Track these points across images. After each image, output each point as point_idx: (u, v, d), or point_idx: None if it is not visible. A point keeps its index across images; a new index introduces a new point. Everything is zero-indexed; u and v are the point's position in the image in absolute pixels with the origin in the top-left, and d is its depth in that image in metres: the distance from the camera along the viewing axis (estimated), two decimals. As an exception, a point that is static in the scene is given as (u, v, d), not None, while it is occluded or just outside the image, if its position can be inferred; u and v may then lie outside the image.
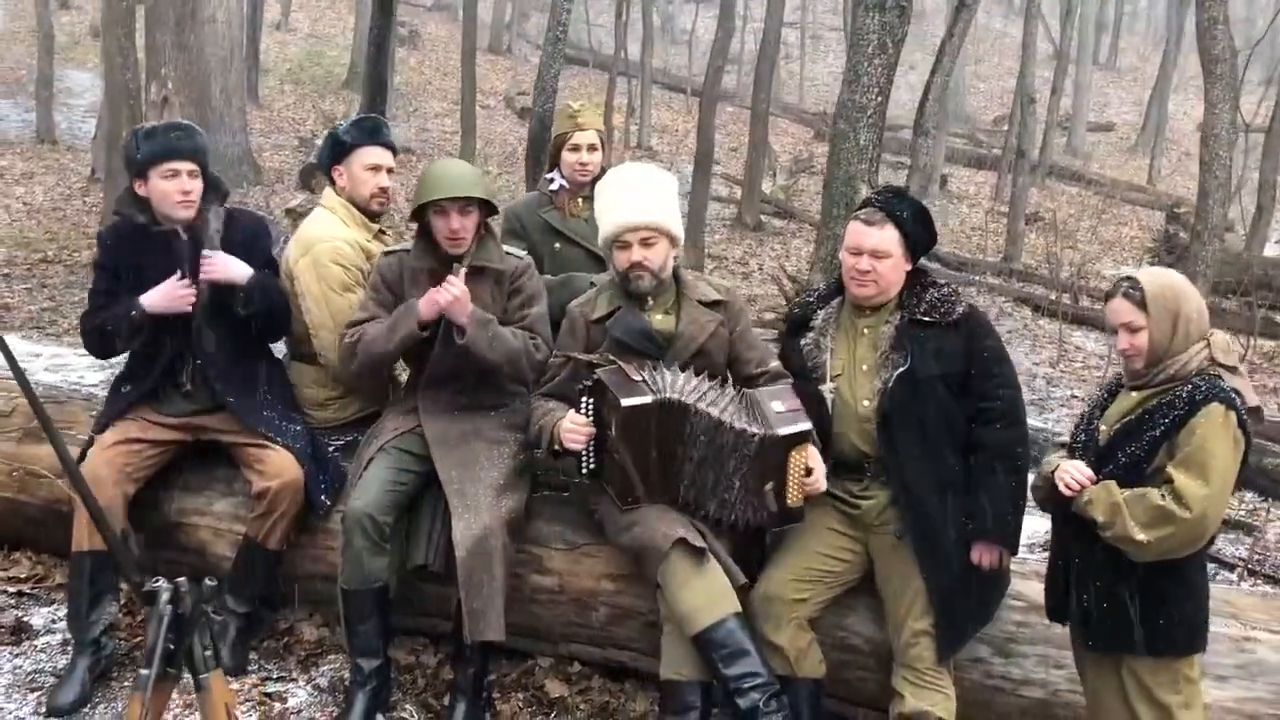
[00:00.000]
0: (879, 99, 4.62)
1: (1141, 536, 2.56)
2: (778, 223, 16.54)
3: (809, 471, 3.09)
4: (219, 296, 3.42)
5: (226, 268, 3.38)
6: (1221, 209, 6.88)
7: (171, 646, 1.65)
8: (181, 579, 1.72)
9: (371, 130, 3.76)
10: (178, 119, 4.40)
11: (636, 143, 20.69)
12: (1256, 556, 5.10)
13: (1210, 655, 3.27)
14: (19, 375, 1.86)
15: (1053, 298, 12.15)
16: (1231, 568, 5.05)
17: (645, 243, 3.25)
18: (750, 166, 16.48)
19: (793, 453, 3.06)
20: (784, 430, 3.03)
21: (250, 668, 3.47)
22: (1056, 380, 9.30)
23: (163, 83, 8.45)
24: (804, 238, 15.25)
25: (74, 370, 6.69)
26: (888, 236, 3.11)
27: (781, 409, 3.10)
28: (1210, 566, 5.17)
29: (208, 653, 1.68)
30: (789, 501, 3.11)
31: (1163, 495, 2.57)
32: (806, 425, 3.07)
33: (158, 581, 1.69)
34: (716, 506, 3.15)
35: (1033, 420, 5.21)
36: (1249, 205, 15.03)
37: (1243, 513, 6.60)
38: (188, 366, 3.50)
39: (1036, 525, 4.04)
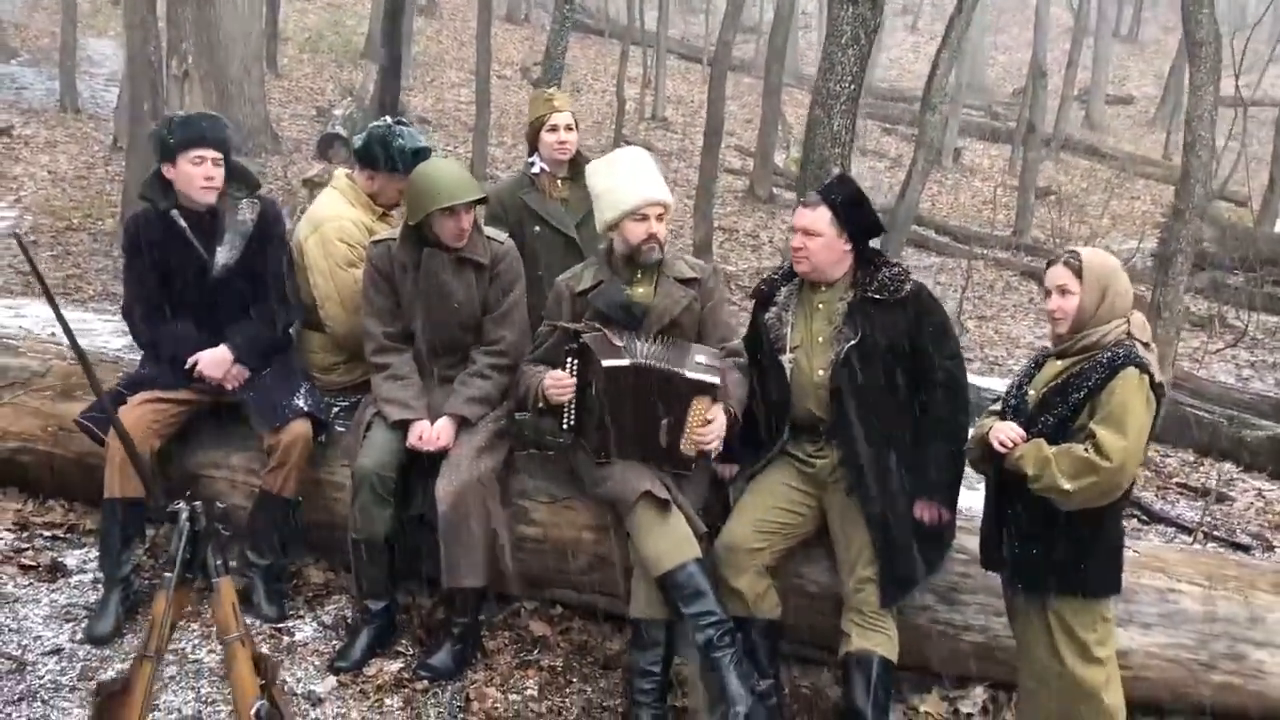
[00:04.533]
0: (852, 87, 4.88)
1: (1067, 486, 2.86)
2: (790, 195, 16.66)
3: (707, 425, 3.40)
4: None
5: (214, 369, 3.75)
6: (1204, 189, 7.07)
7: (189, 556, 2.02)
8: (198, 502, 2.07)
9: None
10: (202, 108, 4.70)
11: (651, 114, 20.84)
12: (1212, 520, 5.37)
13: (1136, 605, 3.59)
14: (71, 339, 2.17)
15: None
16: (1189, 531, 5.33)
17: (659, 217, 3.55)
18: (763, 138, 16.66)
19: (695, 400, 3.37)
20: (690, 374, 3.36)
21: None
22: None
23: (183, 57, 8.74)
24: (814, 210, 15.40)
25: (98, 335, 7.07)
26: (819, 217, 3.40)
27: (703, 360, 3.41)
28: (1169, 530, 5.47)
29: (218, 562, 2.04)
30: (681, 446, 3.43)
31: (1086, 449, 2.86)
32: (714, 379, 3.37)
33: (179, 504, 2.05)
34: (629, 440, 3.46)
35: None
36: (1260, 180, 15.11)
37: (1217, 482, 6.88)
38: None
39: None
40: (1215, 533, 5.36)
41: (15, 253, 9.78)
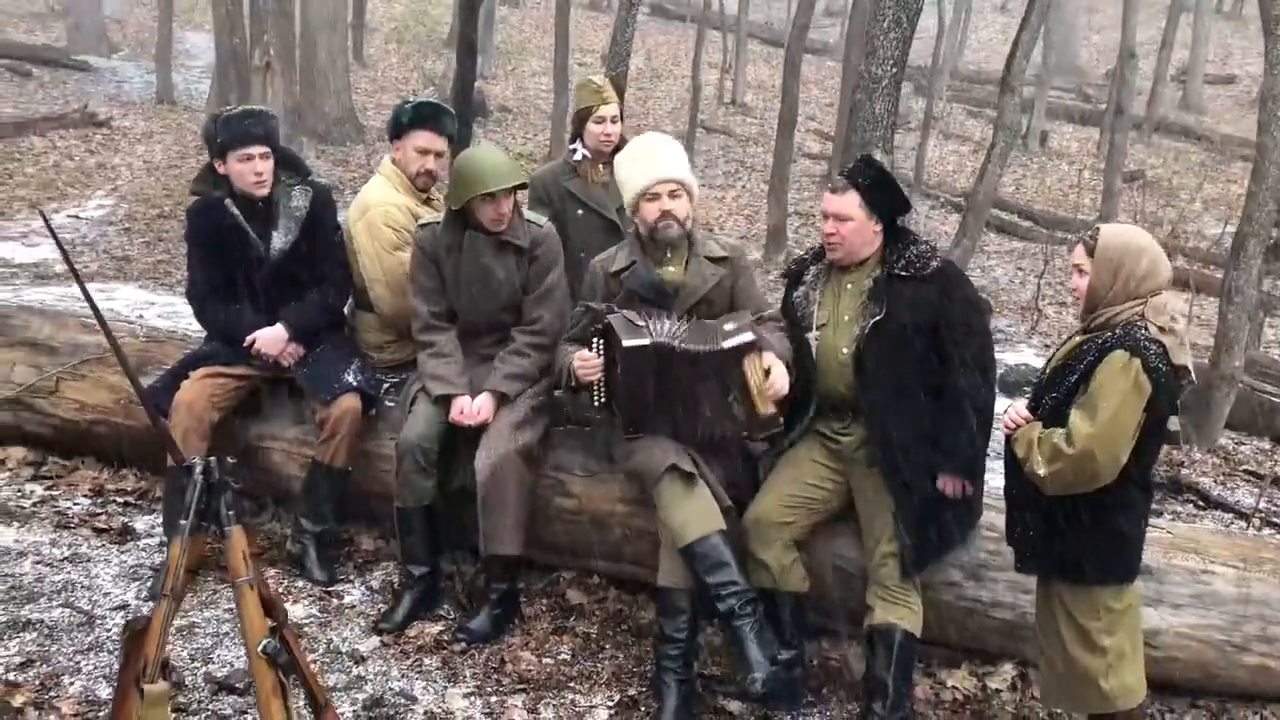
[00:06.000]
0: (894, 70, 4.90)
1: (1041, 471, 2.86)
2: (867, 180, 16.48)
3: (767, 374, 3.43)
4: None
5: (271, 347, 3.99)
6: (1278, 169, 6.88)
7: (203, 506, 2.22)
8: (211, 456, 2.27)
9: (429, 116, 4.13)
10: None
11: (730, 99, 20.82)
12: (1273, 507, 5.27)
13: (1168, 585, 3.58)
14: (99, 318, 2.35)
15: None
16: (1246, 517, 5.24)
17: (672, 195, 3.64)
18: (841, 123, 16.54)
19: (745, 361, 3.41)
20: (727, 343, 3.41)
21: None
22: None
23: (265, 49, 9.05)
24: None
25: (183, 317, 7.39)
26: (848, 201, 3.44)
27: (731, 327, 3.47)
28: (1227, 515, 5.39)
29: (230, 512, 2.23)
30: (757, 409, 3.45)
31: (1061, 434, 2.84)
32: (749, 336, 3.41)
33: (194, 459, 2.25)
34: (702, 427, 3.54)
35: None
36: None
37: (1273, 467, 6.72)
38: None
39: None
40: (1275, 519, 5.26)
41: (110, 239, 10.29)
